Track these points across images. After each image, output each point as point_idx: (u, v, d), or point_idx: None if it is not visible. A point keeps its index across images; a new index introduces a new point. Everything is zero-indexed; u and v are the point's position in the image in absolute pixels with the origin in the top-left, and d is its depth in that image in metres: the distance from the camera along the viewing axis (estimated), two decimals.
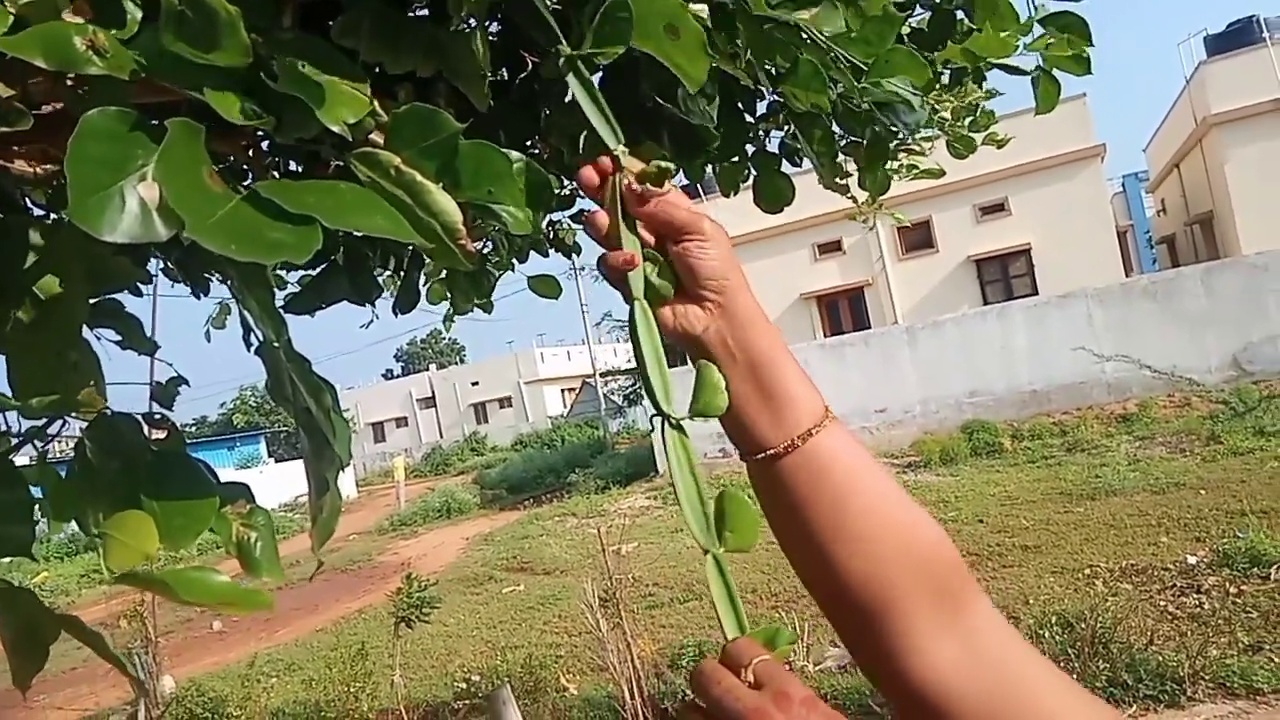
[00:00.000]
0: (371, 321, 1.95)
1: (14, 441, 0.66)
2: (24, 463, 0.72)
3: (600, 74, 1.08)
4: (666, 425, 0.64)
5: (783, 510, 0.66)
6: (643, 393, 0.70)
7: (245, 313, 0.72)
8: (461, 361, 60.70)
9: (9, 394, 0.65)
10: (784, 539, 0.68)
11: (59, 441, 0.72)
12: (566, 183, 1.45)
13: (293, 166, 1.10)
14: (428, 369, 51.01)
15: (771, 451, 0.66)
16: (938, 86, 1.26)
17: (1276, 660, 4.56)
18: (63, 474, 0.64)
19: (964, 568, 0.67)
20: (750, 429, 0.67)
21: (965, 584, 0.65)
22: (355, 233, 0.58)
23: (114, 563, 0.52)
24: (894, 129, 1.14)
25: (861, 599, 0.62)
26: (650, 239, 0.68)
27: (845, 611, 0.64)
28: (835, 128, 1.28)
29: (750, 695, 0.53)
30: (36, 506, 0.64)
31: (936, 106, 1.76)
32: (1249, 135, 17.87)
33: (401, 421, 45.76)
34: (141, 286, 1.14)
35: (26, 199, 0.96)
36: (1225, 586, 5.70)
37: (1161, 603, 5.73)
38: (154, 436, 0.71)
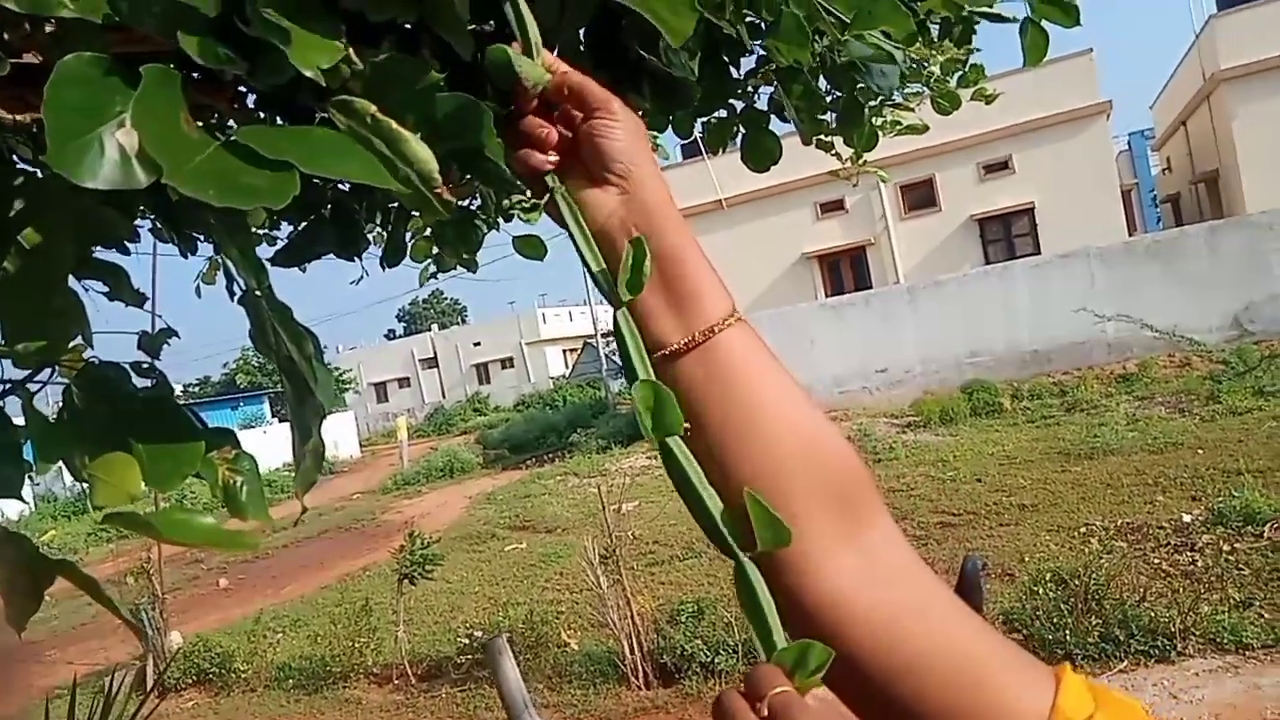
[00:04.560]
0: (361, 278, 1.95)
1: (2, 388, 0.67)
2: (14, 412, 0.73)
3: (586, 27, 1.07)
4: (661, 443, 0.61)
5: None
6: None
7: (227, 261, 0.73)
8: (463, 322, 60.77)
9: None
10: None
11: (46, 391, 0.73)
12: None
13: (279, 123, 1.09)
14: (430, 329, 50.99)
15: (671, 348, 0.63)
16: (921, 41, 1.24)
17: (1266, 616, 4.62)
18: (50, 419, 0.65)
19: (870, 482, 0.64)
20: (650, 324, 0.64)
21: (869, 499, 0.63)
22: (331, 179, 0.59)
23: (100, 501, 0.54)
24: (874, 89, 1.13)
25: None
26: (560, 134, 0.66)
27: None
28: (822, 83, 1.27)
29: None
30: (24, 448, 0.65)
31: (925, 62, 1.74)
32: (1258, 91, 17.63)
33: (404, 382, 45.86)
34: (132, 246, 1.15)
35: (9, 150, 0.96)
36: (1219, 544, 5.76)
37: (1155, 560, 5.79)
38: (141, 385, 0.72)
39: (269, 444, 20.24)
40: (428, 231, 1.56)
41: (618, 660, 5.56)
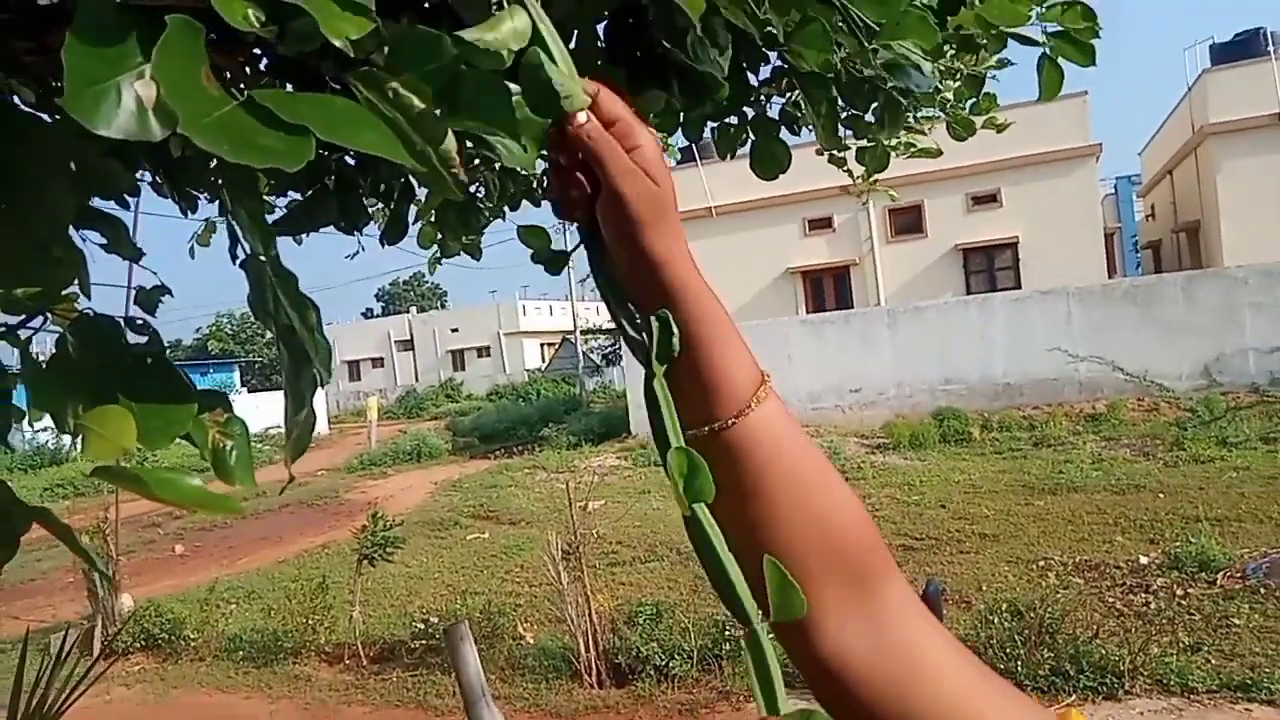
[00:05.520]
0: (357, 253, 1.93)
1: None
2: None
3: (606, 20, 1.07)
4: (693, 510, 0.59)
5: None
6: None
7: (234, 224, 0.72)
8: (443, 307, 60.50)
9: None
10: None
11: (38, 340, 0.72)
12: None
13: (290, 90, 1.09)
14: (408, 311, 50.73)
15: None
16: (946, 55, 1.25)
17: (1213, 661, 4.69)
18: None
19: (882, 551, 0.64)
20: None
21: (880, 568, 0.64)
22: (347, 148, 0.58)
23: (92, 455, 0.53)
24: (909, 91, 1.13)
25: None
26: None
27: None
28: (838, 97, 1.28)
29: None
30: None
31: (940, 85, 1.76)
32: (1243, 148, 17.94)
33: (378, 362, 45.58)
34: (129, 199, 1.13)
35: (15, 95, 0.94)
36: (1173, 588, 5.85)
37: (1110, 599, 5.87)
38: (134, 340, 0.71)
39: (237, 413, 19.93)
40: (433, 217, 1.55)
41: (572, 657, 5.55)
